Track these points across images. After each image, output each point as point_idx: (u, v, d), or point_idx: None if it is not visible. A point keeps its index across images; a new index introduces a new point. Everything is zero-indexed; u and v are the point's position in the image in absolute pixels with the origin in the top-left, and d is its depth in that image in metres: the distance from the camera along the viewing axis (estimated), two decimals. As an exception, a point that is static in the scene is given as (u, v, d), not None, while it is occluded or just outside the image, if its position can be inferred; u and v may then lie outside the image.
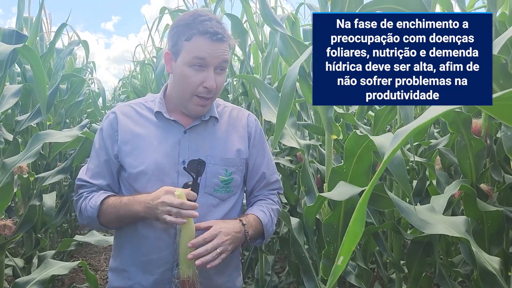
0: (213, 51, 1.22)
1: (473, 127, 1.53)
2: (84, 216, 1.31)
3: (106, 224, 1.33)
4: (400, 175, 1.15)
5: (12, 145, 2.38)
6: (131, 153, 1.30)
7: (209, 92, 1.25)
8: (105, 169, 1.34)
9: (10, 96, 2.14)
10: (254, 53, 3.50)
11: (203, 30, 1.21)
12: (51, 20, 3.63)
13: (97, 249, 4.30)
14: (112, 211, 1.27)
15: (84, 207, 1.31)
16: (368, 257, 2.01)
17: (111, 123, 1.34)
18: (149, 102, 1.38)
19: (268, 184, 1.45)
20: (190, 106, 1.28)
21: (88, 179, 1.34)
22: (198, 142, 1.31)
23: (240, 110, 1.45)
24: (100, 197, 1.29)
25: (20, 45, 1.70)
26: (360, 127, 2.00)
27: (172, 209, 1.13)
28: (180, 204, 1.13)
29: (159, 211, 1.15)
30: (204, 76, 1.23)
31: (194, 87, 1.24)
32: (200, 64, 1.22)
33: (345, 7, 1.43)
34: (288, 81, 1.23)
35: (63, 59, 3.55)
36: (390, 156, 0.45)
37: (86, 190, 1.34)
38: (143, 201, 1.21)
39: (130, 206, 1.23)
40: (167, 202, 1.13)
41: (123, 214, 1.25)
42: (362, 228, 0.45)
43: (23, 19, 2.93)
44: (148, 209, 1.19)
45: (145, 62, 5.49)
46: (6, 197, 1.84)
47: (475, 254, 1.19)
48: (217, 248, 1.17)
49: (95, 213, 1.28)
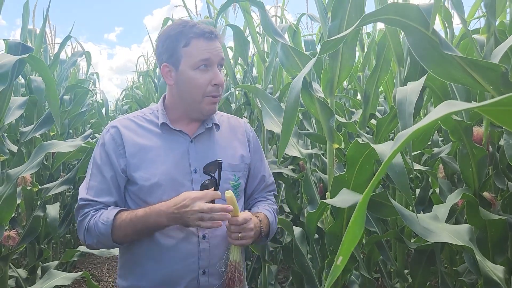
0: (213, 49, 1.27)
1: (475, 135, 1.53)
2: (94, 235, 1.23)
3: (120, 239, 1.25)
4: (402, 184, 1.15)
5: (16, 156, 2.39)
6: (140, 166, 1.28)
7: (218, 89, 1.29)
8: (112, 185, 1.29)
9: (15, 108, 2.16)
10: (257, 62, 3.53)
11: (199, 32, 1.26)
12: (55, 32, 3.67)
13: (100, 259, 4.29)
14: (127, 225, 1.21)
15: (94, 225, 1.23)
16: (372, 267, 1.99)
17: (113, 137, 1.31)
18: (148, 115, 1.37)
19: (267, 186, 1.50)
20: (203, 107, 1.31)
21: (92, 197, 1.27)
22: (205, 150, 1.33)
23: (236, 119, 1.50)
24: (111, 212, 1.24)
25: (26, 55, 1.73)
26: (362, 135, 2.00)
27: (205, 215, 1.15)
28: (211, 208, 1.15)
29: (190, 219, 1.15)
30: (210, 75, 1.27)
31: (204, 87, 1.28)
32: (205, 64, 1.26)
33: (345, 18, 1.45)
34: (292, 93, 1.24)
35: (66, 70, 3.58)
36: (390, 158, 0.45)
37: (92, 208, 1.27)
38: (164, 211, 1.18)
39: (150, 218, 1.19)
40: (198, 209, 1.15)
41: (141, 228, 1.21)
42: (362, 228, 0.45)
43: (27, 31, 2.97)
44: (174, 218, 1.17)
45: (148, 72, 5.52)
46: (10, 208, 1.85)
47: (479, 263, 1.19)
48: (240, 233, 1.22)
49: (109, 229, 1.21)
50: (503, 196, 1.61)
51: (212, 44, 1.27)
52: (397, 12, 1.07)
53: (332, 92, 1.60)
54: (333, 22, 1.47)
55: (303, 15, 2.94)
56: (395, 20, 1.07)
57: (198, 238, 1.27)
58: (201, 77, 1.27)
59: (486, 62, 1.05)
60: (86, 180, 1.32)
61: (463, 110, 1.25)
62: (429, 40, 1.07)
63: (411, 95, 1.22)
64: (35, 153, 2.08)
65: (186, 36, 1.26)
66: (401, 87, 1.31)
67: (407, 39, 1.11)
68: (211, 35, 1.26)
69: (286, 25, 2.67)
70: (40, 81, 2.79)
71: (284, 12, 3.13)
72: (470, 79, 1.07)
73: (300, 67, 1.66)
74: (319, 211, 1.50)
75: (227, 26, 2.81)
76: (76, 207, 1.30)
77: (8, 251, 2.05)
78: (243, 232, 1.22)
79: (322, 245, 2.13)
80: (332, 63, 1.54)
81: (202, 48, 1.25)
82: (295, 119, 1.08)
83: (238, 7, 2.80)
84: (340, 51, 1.52)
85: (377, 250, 1.92)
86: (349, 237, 0.45)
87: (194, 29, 1.26)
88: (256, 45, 2.71)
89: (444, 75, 1.11)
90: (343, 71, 1.55)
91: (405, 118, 1.20)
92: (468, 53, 1.87)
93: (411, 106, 1.20)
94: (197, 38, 1.26)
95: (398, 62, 1.85)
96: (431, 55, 1.08)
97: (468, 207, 1.45)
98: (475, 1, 2.13)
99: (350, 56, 1.54)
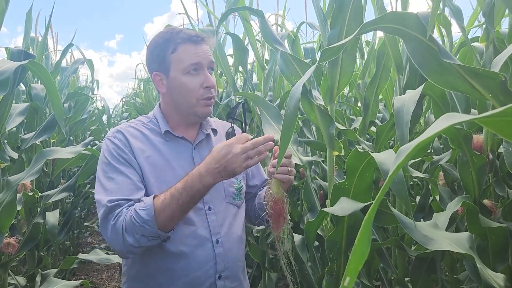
0: (201, 52, 1.28)
1: (474, 142, 1.53)
2: (136, 228, 1.11)
3: (166, 223, 1.14)
4: (400, 192, 1.16)
5: (17, 163, 2.39)
6: (150, 173, 1.25)
7: (210, 91, 1.30)
8: (139, 181, 1.22)
9: (16, 115, 2.17)
10: (257, 70, 3.54)
11: (185, 37, 1.27)
12: (57, 39, 3.69)
13: (100, 266, 4.27)
14: (171, 202, 1.12)
15: (132, 218, 1.12)
16: (372, 274, 1.99)
17: (122, 141, 1.27)
18: (147, 123, 1.37)
19: (262, 183, 1.56)
20: (198, 110, 1.31)
21: (121, 196, 1.17)
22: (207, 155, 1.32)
23: (229, 124, 1.52)
24: (147, 198, 1.16)
25: (26, 61, 1.73)
26: (362, 143, 2.01)
27: (250, 153, 1.13)
28: (254, 143, 1.14)
29: (237, 163, 1.11)
30: (202, 78, 1.28)
31: (196, 91, 1.28)
32: (195, 68, 1.27)
33: (344, 26, 1.46)
34: (291, 101, 1.24)
35: (67, 78, 3.60)
36: (394, 173, 0.45)
37: (123, 207, 1.16)
38: (205, 171, 1.13)
39: (193, 185, 1.13)
40: (242, 150, 1.12)
41: (186, 199, 1.13)
42: (369, 246, 0.44)
43: (30, 39, 2.99)
44: (219, 172, 1.13)
45: (149, 79, 5.54)
46: (10, 215, 1.85)
47: (480, 271, 1.18)
48: (288, 167, 1.24)
49: (152, 212, 1.11)
50: (504, 203, 1.61)
51: (199, 48, 1.28)
52: (396, 20, 1.07)
53: (332, 99, 1.61)
54: (333, 30, 1.48)
55: (303, 23, 2.96)
56: (394, 28, 1.08)
57: (212, 243, 1.27)
58: (192, 81, 1.27)
59: (485, 70, 1.06)
60: (102, 189, 1.21)
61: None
62: (428, 48, 1.08)
63: (408, 104, 1.23)
64: (36, 160, 2.08)
65: (173, 42, 1.27)
66: (398, 96, 1.32)
67: (406, 48, 1.12)
68: (197, 39, 1.27)
69: (286, 33, 2.69)
70: (40, 88, 2.80)
71: (284, 20, 3.14)
72: (469, 87, 1.08)
73: (300, 74, 1.67)
74: (318, 220, 1.50)
75: (226, 34, 2.83)
76: (103, 214, 1.16)
77: (7, 259, 2.05)
78: (290, 166, 1.24)
79: (322, 252, 2.13)
80: (332, 70, 1.55)
81: (190, 52, 1.26)
82: (295, 126, 1.08)
83: (238, 15, 2.83)
84: (340, 59, 1.52)
85: (377, 258, 1.91)
86: (356, 255, 0.44)
87: (180, 35, 1.27)
88: (255, 53, 2.73)
89: (443, 83, 1.11)
90: (343, 79, 1.56)
91: (402, 127, 1.20)
92: (468, 61, 1.88)
93: (408, 115, 1.21)
94: (184, 43, 1.26)
95: (398, 69, 1.86)
96: (430, 63, 1.09)
97: (468, 215, 1.44)
98: (474, 10, 2.15)
99: (350, 64, 1.54)
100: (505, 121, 0.46)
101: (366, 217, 0.44)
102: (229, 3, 2.50)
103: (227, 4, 2.53)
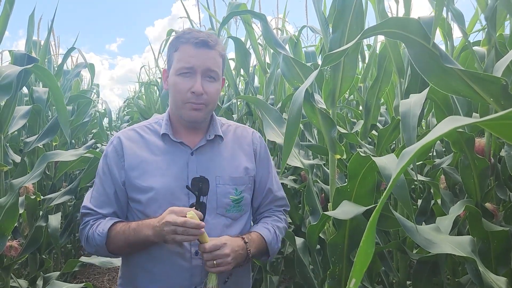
0: (198, 57, 1.24)
1: (476, 146, 1.53)
2: (92, 245, 1.27)
3: (115, 251, 1.28)
4: (402, 197, 1.16)
5: (19, 166, 2.40)
6: (138, 178, 1.27)
7: (198, 98, 1.25)
8: (112, 198, 1.30)
9: (19, 118, 2.18)
10: (259, 73, 3.55)
11: (189, 38, 1.25)
12: (59, 43, 3.71)
13: (100, 270, 4.27)
14: (121, 237, 1.23)
15: (92, 235, 1.26)
16: (374, 278, 1.99)
17: (115, 149, 1.31)
18: (153, 125, 1.37)
19: (274, 200, 1.45)
20: (184, 112, 1.28)
21: (93, 207, 1.30)
22: (206, 163, 1.30)
23: (245, 128, 1.45)
24: (107, 224, 1.25)
25: (30, 66, 1.75)
26: (364, 146, 2.01)
27: (178, 228, 1.12)
28: (183, 222, 1.12)
29: (165, 231, 1.14)
30: (192, 82, 1.25)
31: (184, 93, 1.25)
32: (188, 71, 1.25)
33: (346, 30, 1.46)
34: (294, 105, 1.25)
35: (70, 81, 3.61)
36: (398, 175, 0.46)
37: (92, 218, 1.30)
38: (151, 224, 1.18)
39: (140, 231, 1.20)
40: (171, 221, 1.12)
41: (133, 240, 1.22)
42: (373, 248, 0.45)
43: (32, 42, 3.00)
44: (156, 232, 1.16)
45: (151, 83, 5.56)
46: (13, 218, 1.85)
47: (482, 274, 1.19)
48: (214, 260, 1.17)
49: (103, 241, 1.23)
50: (505, 207, 1.61)
51: (199, 52, 1.24)
52: (398, 25, 1.08)
53: (333, 103, 1.61)
54: (334, 34, 1.48)
55: (304, 27, 2.97)
56: (396, 33, 1.09)
57: (190, 254, 1.25)
58: (182, 83, 1.25)
59: (487, 74, 1.07)
60: (92, 188, 1.35)
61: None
62: (429, 53, 1.08)
63: (414, 107, 1.23)
64: (39, 163, 2.08)
65: (178, 41, 1.27)
66: (404, 100, 1.32)
67: (408, 52, 1.12)
68: (198, 43, 1.24)
69: (287, 37, 2.70)
70: (42, 91, 2.81)
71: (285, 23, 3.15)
72: (470, 91, 1.08)
73: (302, 78, 1.68)
74: (320, 223, 1.50)
75: (228, 38, 2.84)
76: (80, 214, 1.34)
77: (10, 261, 2.05)
78: (218, 259, 1.18)
79: (324, 255, 2.12)
80: (333, 74, 1.56)
81: (188, 54, 1.24)
82: (297, 130, 1.09)
83: (240, 19, 2.84)
84: (342, 63, 1.53)
85: (379, 261, 1.91)
86: (361, 257, 0.45)
87: (186, 35, 1.26)
88: (257, 56, 2.74)
89: (445, 88, 1.12)
90: (345, 83, 1.57)
91: (409, 131, 1.20)
92: (469, 65, 1.89)
93: (414, 118, 1.20)
94: (186, 43, 1.25)
95: (399, 73, 1.86)
96: (432, 67, 1.10)
97: (470, 218, 1.45)
98: (474, 14, 2.16)
99: (351, 68, 1.55)
100: (507, 124, 0.46)
101: (371, 218, 0.45)
102: (231, 6, 2.51)
103: (229, 8, 2.54)
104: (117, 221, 1.28)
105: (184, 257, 1.25)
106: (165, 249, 1.25)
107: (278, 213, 1.46)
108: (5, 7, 2.02)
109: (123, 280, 1.36)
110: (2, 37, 2.04)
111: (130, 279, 1.32)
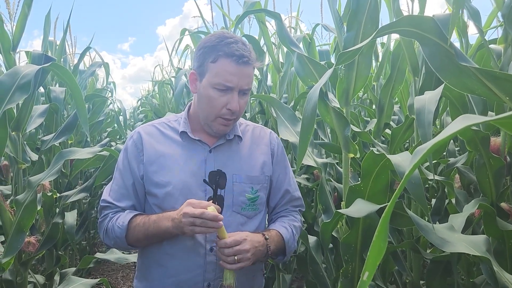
0: (238, 76, 1.22)
1: (492, 145, 1.52)
2: (111, 237, 1.29)
3: (134, 243, 1.30)
4: (417, 194, 1.15)
5: (37, 164, 2.45)
6: (157, 173, 1.29)
7: (232, 114, 1.27)
8: (131, 191, 1.32)
9: (37, 116, 2.22)
10: (272, 72, 3.56)
11: (229, 52, 1.20)
12: (75, 43, 3.76)
13: (115, 266, 4.33)
14: (140, 229, 1.25)
15: (111, 228, 1.28)
16: (387, 277, 1.98)
17: (135, 143, 1.34)
18: (172, 122, 1.39)
19: (291, 200, 1.45)
20: (214, 126, 1.30)
21: (112, 200, 1.32)
22: (223, 161, 1.32)
23: (262, 128, 1.47)
24: (127, 216, 1.27)
25: (48, 64, 1.78)
26: (377, 145, 2.00)
27: (196, 220, 1.13)
28: (201, 213, 1.12)
29: (182, 223, 1.15)
30: (228, 98, 1.24)
31: (218, 109, 1.26)
32: (226, 88, 1.23)
33: (361, 28, 1.46)
34: (309, 104, 1.25)
35: (85, 80, 3.67)
36: (410, 172, 0.46)
37: (111, 211, 1.32)
38: (171, 216, 1.20)
39: (160, 223, 1.22)
40: (189, 213, 1.13)
41: (153, 232, 1.23)
42: (386, 242, 0.46)
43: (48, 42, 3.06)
44: (175, 224, 1.17)
45: (164, 81, 5.60)
46: (31, 214, 1.89)
47: (497, 274, 1.17)
48: (235, 255, 1.18)
49: (123, 233, 1.25)
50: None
51: (239, 70, 1.21)
52: (413, 24, 1.08)
53: (347, 102, 1.61)
54: (349, 32, 1.48)
55: (318, 25, 2.97)
56: (411, 32, 1.09)
57: (205, 250, 1.27)
58: (218, 98, 1.24)
59: (502, 73, 1.05)
60: (111, 182, 1.38)
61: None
62: (445, 51, 1.08)
63: (429, 104, 1.23)
64: (55, 160, 2.13)
65: (216, 53, 1.22)
66: (418, 96, 1.31)
67: (423, 51, 1.12)
68: (239, 60, 1.20)
69: (301, 36, 2.70)
70: (59, 91, 2.87)
71: (298, 22, 3.15)
72: (486, 90, 1.07)
73: (316, 77, 1.68)
74: (334, 221, 1.51)
75: (242, 36, 2.85)
76: (99, 207, 1.36)
77: (28, 257, 2.10)
78: (238, 254, 1.17)
79: (337, 254, 2.13)
80: (347, 73, 1.56)
81: (228, 71, 1.21)
82: (313, 130, 1.09)
83: (253, 17, 2.85)
84: (356, 62, 1.53)
85: (392, 261, 1.91)
86: (374, 251, 0.45)
87: (226, 48, 1.21)
88: (271, 55, 2.74)
89: (460, 86, 1.11)
90: (359, 81, 1.56)
91: (424, 127, 1.20)
92: (484, 63, 1.86)
93: (430, 115, 1.20)
94: (226, 57, 1.21)
95: (413, 72, 1.85)
96: (447, 66, 1.09)
97: (485, 218, 1.43)
98: (491, 11, 2.13)
99: (365, 66, 1.55)
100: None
101: (384, 212, 0.46)
102: (247, 5, 2.52)
103: (244, 7, 2.55)
104: (136, 213, 1.30)
105: (198, 253, 1.27)
106: (180, 245, 1.26)
107: (294, 213, 1.46)
108: (23, 8, 2.06)
109: (139, 273, 1.39)
110: (20, 38, 2.09)
111: (145, 273, 1.34)
